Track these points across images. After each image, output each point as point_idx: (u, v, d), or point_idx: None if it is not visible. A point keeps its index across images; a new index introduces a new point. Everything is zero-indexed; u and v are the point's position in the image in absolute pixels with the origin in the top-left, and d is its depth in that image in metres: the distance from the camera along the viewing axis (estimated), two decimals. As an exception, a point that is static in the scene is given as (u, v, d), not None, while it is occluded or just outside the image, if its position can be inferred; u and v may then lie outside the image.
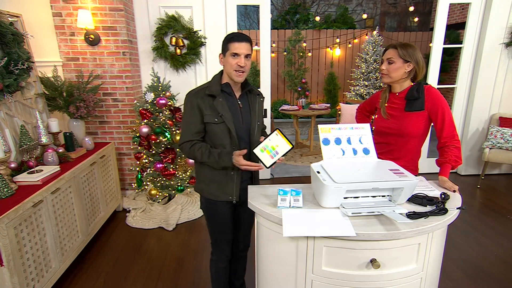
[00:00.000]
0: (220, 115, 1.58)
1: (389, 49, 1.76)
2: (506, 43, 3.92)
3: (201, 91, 1.62)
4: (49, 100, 2.81)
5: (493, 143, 3.96)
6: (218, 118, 1.58)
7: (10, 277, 1.73)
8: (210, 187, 1.68)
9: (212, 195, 1.69)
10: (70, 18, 3.14)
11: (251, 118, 1.69)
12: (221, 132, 1.60)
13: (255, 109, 1.71)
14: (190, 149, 1.62)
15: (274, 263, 1.41)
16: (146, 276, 2.44)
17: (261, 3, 3.75)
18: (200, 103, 1.59)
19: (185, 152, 1.65)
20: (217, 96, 1.59)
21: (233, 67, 1.55)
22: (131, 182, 3.65)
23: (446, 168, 1.65)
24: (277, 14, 11.57)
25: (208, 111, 1.58)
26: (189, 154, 1.64)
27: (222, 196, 1.67)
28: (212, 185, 1.68)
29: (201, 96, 1.60)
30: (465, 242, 2.82)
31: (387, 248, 1.23)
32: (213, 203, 1.71)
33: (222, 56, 1.62)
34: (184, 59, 3.62)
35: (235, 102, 1.66)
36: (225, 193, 1.67)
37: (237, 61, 1.54)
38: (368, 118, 2.13)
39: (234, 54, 1.54)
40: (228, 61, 1.57)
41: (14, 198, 1.91)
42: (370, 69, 6.62)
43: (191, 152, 1.62)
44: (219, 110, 1.58)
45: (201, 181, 1.72)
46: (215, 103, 1.58)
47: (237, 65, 1.55)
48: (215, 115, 1.58)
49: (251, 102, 1.71)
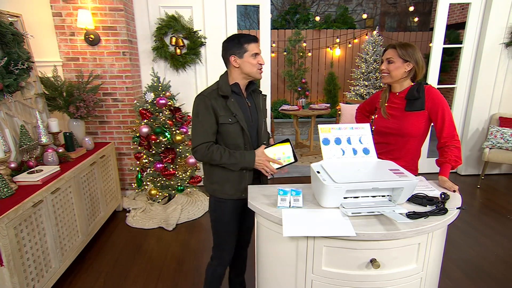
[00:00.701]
0: (234, 115, 1.60)
1: (388, 49, 1.76)
2: (506, 43, 3.93)
3: (213, 92, 1.63)
4: (49, 100, 2.81)
5: (493, 143, 3.96)
6: (232, 118, 1.61)
7: (10, 277, 1.73)
8: (225, 187, 1.69)
9: (226, 194, 1.70)
10: (70, 18, 3.14)
11: (258, 116, 1.74)
12: (235, 132, 1.62)
13: (260, 107, 1.77)
14: (208, 151, 1.59)
15: (274, 263, 1.41)
16: (146, 276, 2.44)
17: (261, 3, 3.75)
18: (214, 104, 1.60)
19: (200, 154, 1.61)
20: (229, 96, 1.62)
21: (256, 66, 1.62)
22: (131, 182, 3.65)
23: (446, 168, 1.65)
24: (277, 14, 11.57)
25: (222, 112, 1.60)
26: (205, 156, 1.60)
27: (235, 194, 1.69)
28: (226, 184, 1.68)
29: (214, 97, 1.61)
30: (465, 242, 2.82)
31: (387, 248, 1.23)
32: (224, 203, 1.72)
33: (235, 58, 1.61)
34: (184, 59, 3.62)
35: (244, 102, 1.69)
36: (239, 190, 1.69)
37: (258, 60, 1.61)
38: (368, 118, 2.13)
39: (255, 54, 1.60)
40: (248, 61, 1.60)
41: (14, 198, 1.91)
42: (370, 69, 6.62)
43: (208, 154, 1.59)
44: (232, 110, 1.60)
45: (214, 182, 1.71)
46: (228, 104, 1.61)
47: (259, 64, 1.62)
48: (229, 115, 1.61)
49: (256, 100, 1.76)
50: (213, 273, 1.87)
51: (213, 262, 1.86)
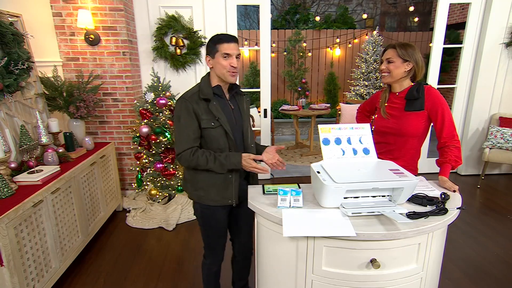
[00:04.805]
0: (216, 119, 1.56)
1: (388, 49, 1.76)
2: (506, 43, 3.92)
3: (195, 95, 1.57)
4: (49, 100, 2.81)
5: (493, 143, 3.95)
6: (214, 122, 1.56)
7: (10, 277, 1.73)
8: (210, 193, 1.64)
9: (212, 200, 1.65)
10: (70, 18, 3.14)
11: (243, 118, 1.70)
12: (218, 136, 1.58)
13: (244, 109, 1.72)
14: (193, 157, 1.55)
15: (274, 263, 1.41)
16: (146, 276, 2.44)
17: (261, 3, 3.75)
18: (196, 108, 1.54)
19: (184, 160, 1.57)
20: (211, 99, 1.57)
21: (226, 68, 1.53)
22: (131, 182, 3.65)
23: (446, 168, 1.65)
24: (277, 14, 11.57)
25: (204, 115, 1.55)
26: (191, 162, 1.56)
27: (221, 200, 1.65)
28: (211, 190, 1.63)
29: (195, 101, 1.55)
30: (465, 242, 2.81)
31: (387, 248, 1.23)
32: (210, 209, 1.68)
33: (209, 58, 1.58)
34: (184, 59, 3.62)
35: (227, 104, 1.65)
36: (224, 197, 1.64)
37: (230, 62, 1.53)
38: (369, 118, 2.14)
39: (226, 55, 1.52)
40: (219, 62, 1.54)
41: (14, 198, 1.91)
42: (370, 69, 6.63)
43: (193, 159, 1.55)
44: (215, 114, 1.56)
45: (199, 188, 1.65)
46: (210, 107, 1.56)
47: (230, 66, 1.53)
48: (212, 119, 1.56)
49: (239, 103, 1.72)
50: (208, 271, 1.89)
51: (206, 261, 1.87)
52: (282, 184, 1.57)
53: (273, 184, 1.64)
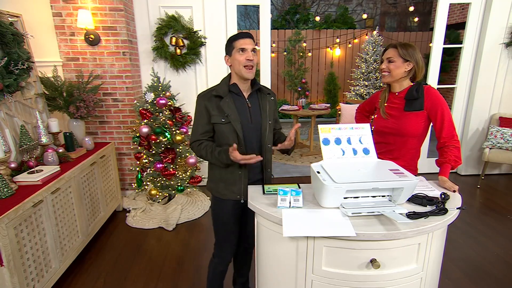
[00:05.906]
0: (226, 115, 1.60)
1: (389, 49, 1.76)
2: (506, 43, 3.92)
3: (209, 93, 1.65)
4: (49, 100, 2.81)
5: (493, 143, 3.95)
6: (224, 118, 1.60)
7: (10, 277, 1.73)
8: (219, 186, 1.72)
9: (220, 193, 1.72)
10: (70, 18, 3.14)
11: (262, 117, 1.68)
12: (228, 132, 1.62)
13: (266, 108, 1.70)
14: (198, 148, 1.67)
15: (274, 263, 1.41)
16: (146, 276, 2.44)
17: (261, 3, 3.75)
18: (207, 104, 1.62)
19: (194, 150, 1.71)
20: (224, 96, 1.61)
21: (242, 63, 1.56)
22: (131, 182, 3.65)
23: (446, 168, 1.65)
24: (277, 14, 11.57)
25: (215, 111, 1.61)
26: (197, 153, 1.70)
27: (229, 195, 1.70)
28: (220, 184, 1.71)
29: (208, 98, 1.63)
30: (465, 242, 2.82)
31: (387, 248, 1.23)
32: (220, 202, 1.74)
33: (228, 57, 1.64)
34: (184, 59, 3.62)
35: (243, 102, 1.66)
36: (233, 192, 1.69)
37: (245, 56, 1.56)
38: (368, 118, 2.13)
39: (241, 50, 1.56)
40: (235, 58, 1.58)
41: (14, 198, 1.91)
42: (370, 69, 6.63)
43: (199, 150, 1.68)
44: (225, 110, 1.60)
45: (211, 180, 1.77)
46: (222, 104, 1.60)
47: (245, 60, 1.56)
48: (222, 115, 1.60)
49: (261, 101, 1.71)
50: (214, 270, 1.89)
51: (214, 259, 1.88)
52: (282, 184, 1.56)
53: (273, 184, 1.64)
